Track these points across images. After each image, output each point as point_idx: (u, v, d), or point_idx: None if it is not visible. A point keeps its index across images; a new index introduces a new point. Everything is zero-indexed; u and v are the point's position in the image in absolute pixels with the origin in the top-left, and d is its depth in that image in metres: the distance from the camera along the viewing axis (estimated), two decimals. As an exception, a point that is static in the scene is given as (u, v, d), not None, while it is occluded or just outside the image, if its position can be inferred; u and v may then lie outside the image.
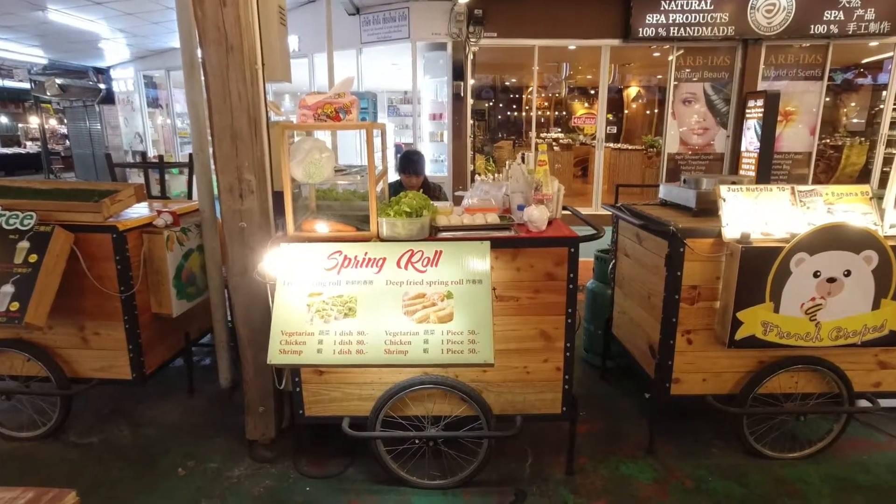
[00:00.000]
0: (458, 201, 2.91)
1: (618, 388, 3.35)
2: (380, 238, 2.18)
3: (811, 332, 2.35)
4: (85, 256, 2.56)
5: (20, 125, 21.26)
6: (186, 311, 2.97)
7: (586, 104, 13.19)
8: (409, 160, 3.68)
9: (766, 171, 7.84)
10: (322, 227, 2.28)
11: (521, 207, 2.42)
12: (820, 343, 2.36)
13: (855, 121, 9.55)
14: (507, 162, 4.87)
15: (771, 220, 2.37)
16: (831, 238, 2.24)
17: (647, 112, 13.32)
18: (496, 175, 5.33)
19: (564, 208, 2.75)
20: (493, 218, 2.28)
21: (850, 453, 2.67)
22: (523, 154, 5.59)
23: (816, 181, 8.65)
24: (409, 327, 1.94)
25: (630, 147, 10.68)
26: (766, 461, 2.60)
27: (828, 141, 8.87)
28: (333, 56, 5.30)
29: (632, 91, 13.38)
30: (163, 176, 3.46)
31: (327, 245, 2.09)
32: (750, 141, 8.05)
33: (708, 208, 2.65)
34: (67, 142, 16.55)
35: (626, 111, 13.39)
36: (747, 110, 8.06)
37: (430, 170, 9.04)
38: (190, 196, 3.88)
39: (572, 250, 2.20)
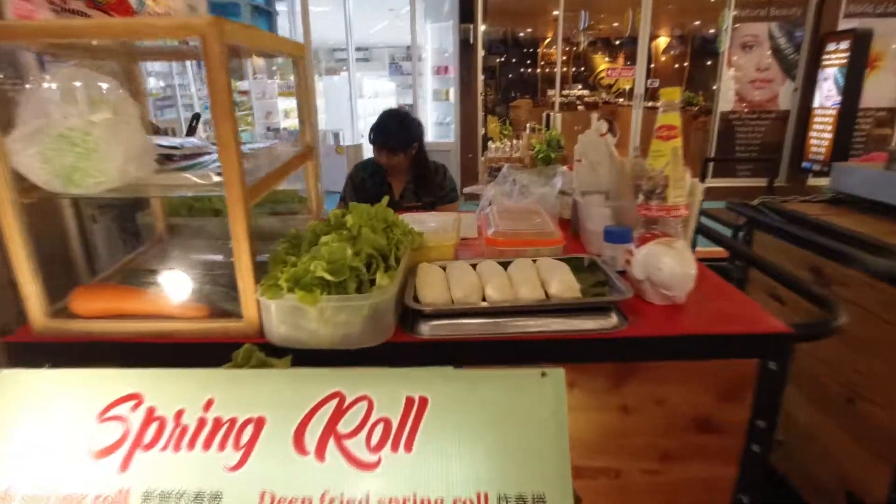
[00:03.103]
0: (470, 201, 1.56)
1: None
2: (266, 342, 0.84)
3: None
4: None
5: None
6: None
7: (608, 58, 11.65)
8: (382, 128, 2.18)
9: (848, 133, 6.33)
10: (137, 301, 0.93)
11: (612, 235, 1.05)
12: None
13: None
14: (528, 125, 3.47)
15: None
16: None
17: (676, 66, 11.78)
18: (513, 141, 4.00)
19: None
20: (563, 278, 0.85)
21: None
22: (548, 115, 4.11)
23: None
24: None
25: (665, 105, 9.14)
26: None
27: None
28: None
29: (661, 42, 11.78)
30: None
31: (98, 376, 0.74)
32: (826, 95, 6.49)
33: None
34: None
35: (653, 65, 11.86)
36: (824, 56, 6.48)
37: (433, 134, 7.42)
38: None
39: (771, 366, 0.85)
